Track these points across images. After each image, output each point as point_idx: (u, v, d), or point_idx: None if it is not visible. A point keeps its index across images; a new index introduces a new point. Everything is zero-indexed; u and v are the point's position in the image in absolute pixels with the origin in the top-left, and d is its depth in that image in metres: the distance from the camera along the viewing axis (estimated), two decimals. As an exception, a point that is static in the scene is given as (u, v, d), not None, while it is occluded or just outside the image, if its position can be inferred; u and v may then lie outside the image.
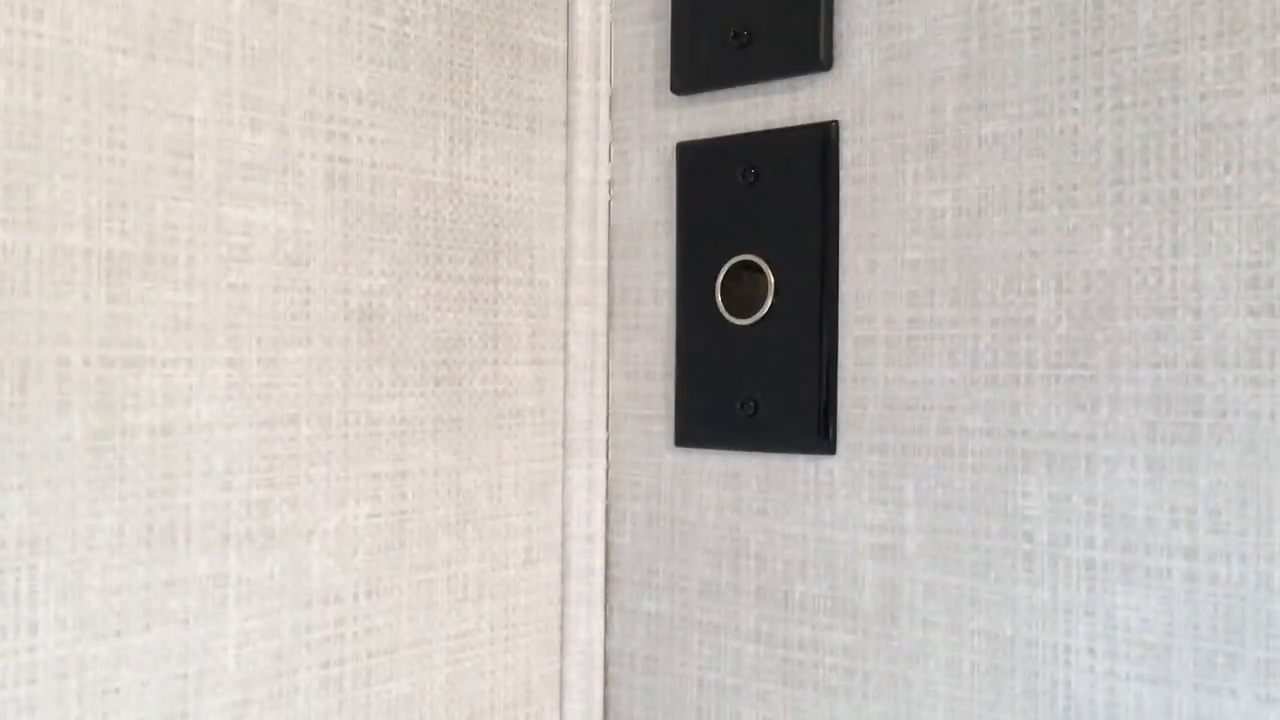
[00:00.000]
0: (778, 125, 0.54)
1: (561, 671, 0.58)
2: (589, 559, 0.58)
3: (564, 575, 0.58)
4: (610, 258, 0.60)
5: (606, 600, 0.59)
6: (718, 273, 0.55)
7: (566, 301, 0.59)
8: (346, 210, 0.49)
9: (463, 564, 0.54)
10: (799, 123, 0.53)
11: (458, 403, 0.54)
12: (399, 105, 0.51)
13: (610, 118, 0.60)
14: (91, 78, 0.41)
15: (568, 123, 0.59)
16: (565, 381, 0.59)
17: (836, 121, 0.52)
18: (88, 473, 0.41)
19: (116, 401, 0.42)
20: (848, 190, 0.51)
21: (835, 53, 0.52)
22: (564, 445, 0.59)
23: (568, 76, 0.59)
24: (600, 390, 0.59)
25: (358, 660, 0.49)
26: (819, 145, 0.52)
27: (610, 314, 0.59)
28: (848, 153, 0.51)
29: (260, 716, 0.46)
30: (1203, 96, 0.42)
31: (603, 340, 0.59)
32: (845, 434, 0.51)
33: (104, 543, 0.42)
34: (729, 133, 0.55)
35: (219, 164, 0.45)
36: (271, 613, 0.46)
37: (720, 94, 0.56)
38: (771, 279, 0.53)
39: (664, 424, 0.57)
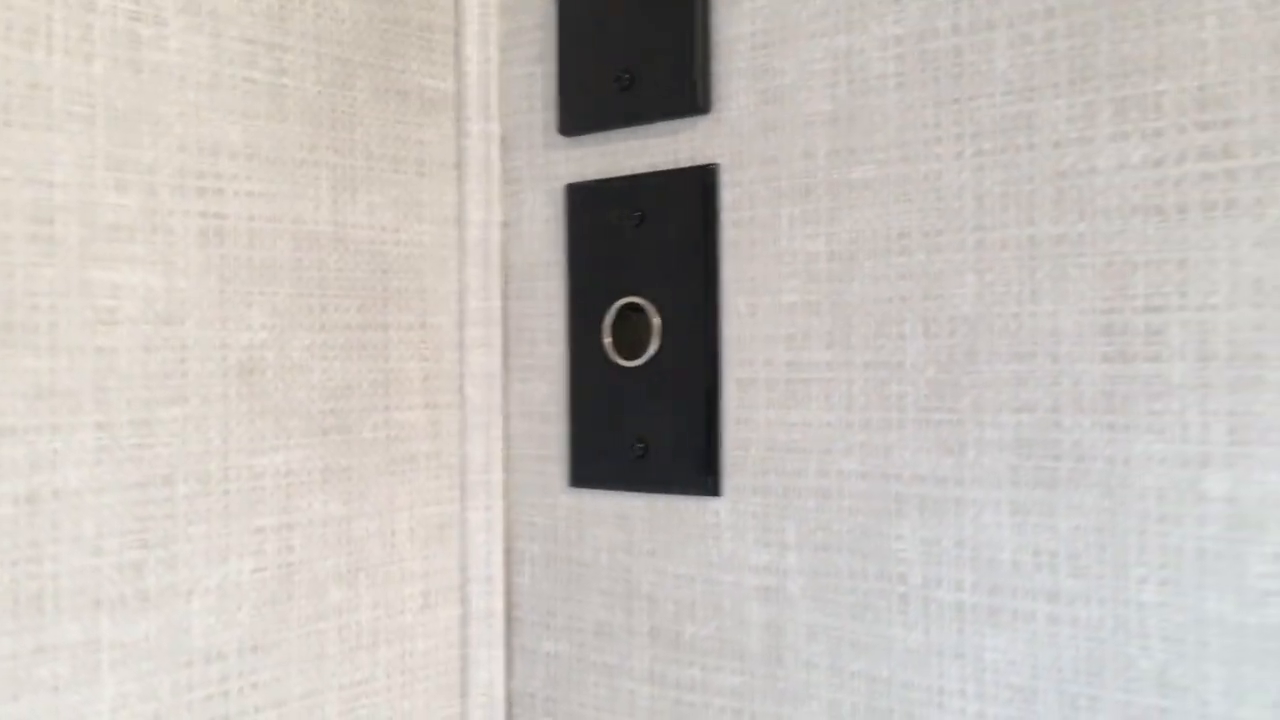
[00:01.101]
0: (661, 167, 0.54)
1: (464, 714, 0.58)
2: (489, 601, 0.58)
3: (464, 618, 0.58)
4: (505, 299, 0.60)
5: (508, 641, 0.59)
6: (605, 314, 0.55)
7: (461, 344, 0.59)
8: (223, 266, 0.49)
9: (355, 613, 0.54)
10: (681, 165, 0.53)
11: (348, 451, 0.54)
12: (278, 157, 0.51)
13: (501, 159, 0.60)
14: (-58, 148, 0.41)
15: (459, 165, 0.59)
16: (462, 424, 0.59)
17: (716, 164, 0.52)
18: (-53, 546, 0.41)
19: (-24, 473, 0.42)
20: (728, 233, 0.52)
21: (714, 96, 0.52)
22: (462, 488, 0.59)
23: (457, 119, 0.59)
24: (497, 432, 0.59)
25: (244, 716, 0.49)
26: (699, 188, 0.52)
27: (506, 355, 0.60)
28: (727, 196, 0.52)
29: (140, 778, 0.46)
30: (1056, 144, 0.43)
31: (499, 381, 0.59)
32: (730, 475, 0.52)
33: (-33, 615, 0.41)
34: (615, 174, 0.55)
35: (82, 227, 0.45)
36: (148, 675, 0.46)
37: (606, 136, 0.56)
38: (657, 321, 0.53)
39: (559, 465, 0.57)
